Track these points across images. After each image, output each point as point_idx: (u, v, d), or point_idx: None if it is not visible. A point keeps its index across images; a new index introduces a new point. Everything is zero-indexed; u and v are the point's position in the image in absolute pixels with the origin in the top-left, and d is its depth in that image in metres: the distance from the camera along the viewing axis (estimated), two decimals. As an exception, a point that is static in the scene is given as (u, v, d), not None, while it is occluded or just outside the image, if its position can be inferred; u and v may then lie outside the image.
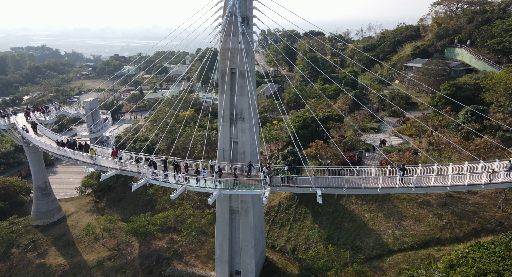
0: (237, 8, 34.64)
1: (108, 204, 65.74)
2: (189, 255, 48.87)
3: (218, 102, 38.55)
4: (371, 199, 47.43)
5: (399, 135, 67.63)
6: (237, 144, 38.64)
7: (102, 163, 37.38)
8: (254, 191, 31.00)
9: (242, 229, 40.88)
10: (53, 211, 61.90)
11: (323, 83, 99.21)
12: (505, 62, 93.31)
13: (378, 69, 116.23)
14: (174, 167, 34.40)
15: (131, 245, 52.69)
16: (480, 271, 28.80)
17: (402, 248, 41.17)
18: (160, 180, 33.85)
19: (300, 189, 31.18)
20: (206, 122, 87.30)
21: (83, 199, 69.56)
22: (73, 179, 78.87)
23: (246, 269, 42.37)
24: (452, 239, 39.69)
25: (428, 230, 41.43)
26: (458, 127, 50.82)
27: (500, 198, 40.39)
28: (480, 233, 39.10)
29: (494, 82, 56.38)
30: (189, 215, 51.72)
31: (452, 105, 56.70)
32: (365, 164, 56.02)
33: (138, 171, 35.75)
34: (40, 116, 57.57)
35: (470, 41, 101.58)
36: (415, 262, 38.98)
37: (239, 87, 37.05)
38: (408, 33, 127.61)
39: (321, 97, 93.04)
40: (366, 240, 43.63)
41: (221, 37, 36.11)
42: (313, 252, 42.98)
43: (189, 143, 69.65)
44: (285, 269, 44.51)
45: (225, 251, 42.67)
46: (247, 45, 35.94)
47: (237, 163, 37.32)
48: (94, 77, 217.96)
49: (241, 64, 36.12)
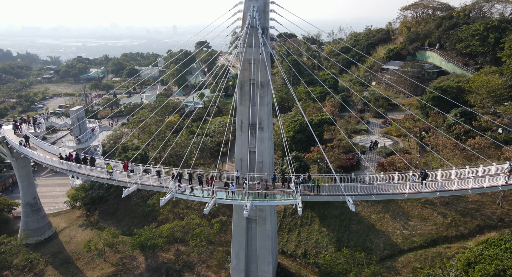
0: (257, 20, 34.88)
1: (102, 217, 63.24)
2: (199, 265, 48.34)
3: (237, 113, 38.52)
4: (376, 200, 49.36)
5: (388, 136, 70.69)
6: (255, 153, 38.81)
7: (121, 178, 36.13)
8: (287, 201, 31.48)
9: (260, 237, 41.11)
10: (43, 228, 58.72)
11: (307, 86, 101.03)
12: (472, 64, 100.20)
13: (355, 71, 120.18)
14: (199, 180, 34.04)
15: (136, 259, 51.20)
16: (499, 268, 31.13)
17: (412, 247, 43.34)
18: (187, 193, 33.36)
19: (330, 197, 32.04)
20: (195, 128, 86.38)
21: (72, 212, 66.41)
22: (57, 192, 74.97)
23: (263, 276, 42.66)
24: (458, 236, 42.38)
25: (435, 228, 43.89)
26: (450, 129, 54.02)
27: (499, 195, 43.66)
28: (483, 230, 42.06)
29: (477, 85, 60.54)
30: (196, 225, 51.11)
31: (439, 107, 60.15)
32: (363, 166, 58.09)
33: (160, 185, 34.99)
34: (29, 128, 54.36)
35: (439, 45, 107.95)
36: (427, 260, 41.20)
37: (259, 98, 37.29)
38: (380, 36, 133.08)
39: (306, 100, 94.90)
40: (376, 241, 45.41)
41: (241, 48, 36.12)
42: (329, 256, 44.10)
43: (183, 150, 68.81)
44: (299, 274, 45.30)
45: (241, 260, 42.70)
46: (266, 56, 36.28)
47: (255, 172, 37.64)
48: (57, 81, 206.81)
49: (261, 74, 36.43)
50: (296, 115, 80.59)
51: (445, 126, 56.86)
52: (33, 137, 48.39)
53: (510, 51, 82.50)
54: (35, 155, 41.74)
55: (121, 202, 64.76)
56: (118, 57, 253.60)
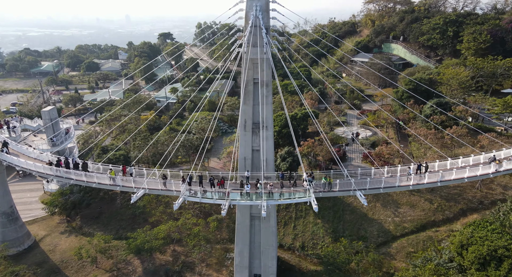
0: (261, 19, 34.88)
1: (85, 221, 60.64)
2: (199, 265, 48.23)
3: (240, 112, 38.42)
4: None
5: (366, 127, 73.82)
6: (258, 151, 39.18)
7: (126, 184, 34.97)
8: (301, 199, 32.29)
9: (264, 233, 41.82)
10: (22, 238, 55.33)
11: (282, 79, 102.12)
12: (433, 56, 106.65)
13: (325, 63, 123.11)
14: (210, 182, 33.90)
15: (131, 263, 49.99)
16: (491, 248, 34.27)
17: (404, 233, 46.25)
18: (199, 196, 33.09)
19: (341, 192, 33.33)
20: (175, 125, 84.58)
21: (50, 219, 62.95)
22: (28, 198, 70.45)
23: (267, 271, 43.52)
24: (445, 220, 45.86)
25: (423, 214, 47.08)
26: (428, 119, 57.52)
27: (478, 180, 47.64)
28: (466, 212, 45.83)
29: (447, 77, 64.82)
30: (192, 225, 50.74)
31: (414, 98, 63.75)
32: (350, 157, 60.46)
33: (169, 189, 34.37)
34: (1, 132, 50.48)
35: (403, 37, 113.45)
36: (419, 244, 44.26)
37: (263, 97, 37.47)
38: (346, 29, 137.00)
39: (283, 93, 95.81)
40: (370, 229, 47.87)
41: (244, 48, 35.95)
42: (328, 247, 45.85)
43: (166, 149, 67.28)
44: (299, 266, 46.74)
45: (245, 257, 43.25)
46: (268, 55, 36.47)
47: (260, 170, 38.11)
48: (4, 76, 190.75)
49: (264, 74, 36.62)
50: (276, 109, 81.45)
51: (423, 117, 60.45)
52: (12, 143, 45.09)
53: (468, 44, 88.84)
54: (22, 163, 39.01)
55: (104, 205, 62.49)
56: (72, 50, 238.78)
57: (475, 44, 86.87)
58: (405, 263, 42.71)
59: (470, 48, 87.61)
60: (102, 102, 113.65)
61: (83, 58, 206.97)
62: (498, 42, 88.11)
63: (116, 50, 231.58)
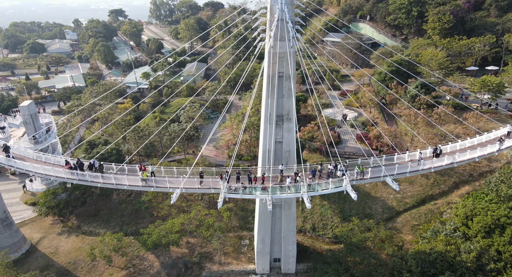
0: (287, 13, 34.87)
1: (82, 220, 58.33)
2: (216, 254, 49.17)
3: (264, 106, 38.67)
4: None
5: (350, 107, 77.17)
6: (281, 143, 40.12)
7: (160, 185, 34.36)
8: (337, 188, 34.07)
9: (285, 220, 43.53)
10: (19, 243, 52.28)
11: (259, 61, 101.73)
12: (399, 35, 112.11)
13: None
14: (248, 177, 34.49)
15: (146, 258, 49.60)
16: (494, 218, 39.03)
17: (406, 208, 50.51)
18: (240, 193, 33.61)
19: (372, 179, 35.64)
20: (159, 113, 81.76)
21: (41, 221, 59.63)
22: (7, 200, 65.33)
23: (288, 255, 45.65)
24: (441, 193, 50.71)
25: (421, 189, 51.55)
26: (414, 99, 61.65)
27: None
28: (459, 185, 50.97)
29: (427, 59, 69.25)
30: (205, 216, 51.10)
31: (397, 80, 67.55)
32: (344, 139, 63.45)
33: (203, 187, 34.47)
34: (-10, 134, 46.17)
35: (370, 17, 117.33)
36: (421, 217, 48.77)
37: (287, 90, 38.03)
38: (313, 7, 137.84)
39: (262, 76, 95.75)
40: (375, 207, 51.59)
41: (270, 42, 35.81)
42: (344, 227, 48.85)
43: (160, 140, 65.79)
44: (313, 246, 49.49)
45: (267, 244, 44.87)
46: (294, 49, 36.79)
47: (283, 161, 39.36)
48: None
49: (290, 67, 37.03)
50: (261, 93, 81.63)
51: (408, 98, 64.60)
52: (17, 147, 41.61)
53: (434, 24, 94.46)
54: (38, 168, 36.33)
55: (99, 202, 60.34)
56: (7, 28, 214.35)
57: (440, 24, 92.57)
58: (411, 236, 47.13)
59: (435, 28, 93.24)
60: (66, 90, 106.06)
61: (23, 38, 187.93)
62: (459, 22, 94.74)
63: (61, 29, 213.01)
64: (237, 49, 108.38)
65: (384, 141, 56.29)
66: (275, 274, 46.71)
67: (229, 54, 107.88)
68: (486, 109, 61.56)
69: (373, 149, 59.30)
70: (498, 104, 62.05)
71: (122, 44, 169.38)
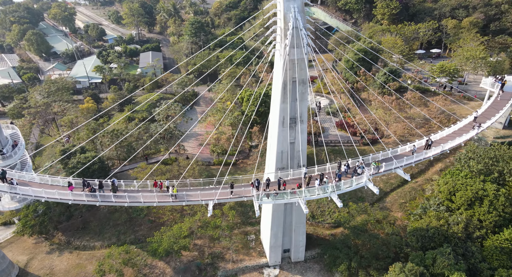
0: (300, 21, 35.81)
1: (70, 235, 55.15)
2: (227, 253, 50.44)
3: (279, 110, 39.58)
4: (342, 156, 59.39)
5: (319, 94, 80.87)
6: (293, 144, 41.87)
7: (192, 198, 34.32)
8: (358, 185, 37.09)
9: (296, 214, 46.01)
10: (8, 269, 48.32)
11: (221, 50, 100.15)
12: (349, 19, 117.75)
13: (251, 29, 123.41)
14: (278, 182, 35.95)
15: (155, 266, 49.17)
16: (473, 191, 45.62)
17: (392, 188, 56.09)
18: (273, 198, 35.02)
19: (385, 172, 39.28)
20: (128, 111, 77.39)
21: (20, 241, 55.23)
22: (-29, 221, 59.30)
23: (298, 245, 48.57)
24: (419, 172, 57.02)
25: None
26: (387, 85, 66.76)
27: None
28: (433, 163, 57.61)
29: (389, 46, 74.76)
30: (210, 217, 51.55)
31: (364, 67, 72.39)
32: (324, 127, 67.08)
33: (236, 196, 35.25)
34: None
35: (321, 1, 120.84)
36: (406, 195, 54.72)
37: (300, 94, 39.40)
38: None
39: (226, 65, 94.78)
40: (365, 190, 56.30)
41: (285, 49, 36.44)
42: (342, 213, 52.83)
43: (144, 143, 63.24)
44: (316, 233, 53.08)
45: (279, 238, 47.22)
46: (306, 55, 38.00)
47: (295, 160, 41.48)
48: None
49: (303, 73, 38.32)
50: (236, 86, 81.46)
51: (377, 84, 69.79)
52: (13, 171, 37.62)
53: (383, 10, 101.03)
54: (52, 193, 33.71)
55: (85, 214, 57.33)
56: None
57: (388, 10, 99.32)
58: (401, 213, 52.93)
59: (385, 14, 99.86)
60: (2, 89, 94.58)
61: None
62: (404, 8, 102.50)
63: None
64: (195, 37, 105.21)
65: (366, 127, 60.94)
66: (286, 264, 49.58)
67: (187, 43, 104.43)
68: (443, 91, 69.20)
69: (355, 135, 64.08)
70: (452, 87, 70.09)
71: (54, 31, 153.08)
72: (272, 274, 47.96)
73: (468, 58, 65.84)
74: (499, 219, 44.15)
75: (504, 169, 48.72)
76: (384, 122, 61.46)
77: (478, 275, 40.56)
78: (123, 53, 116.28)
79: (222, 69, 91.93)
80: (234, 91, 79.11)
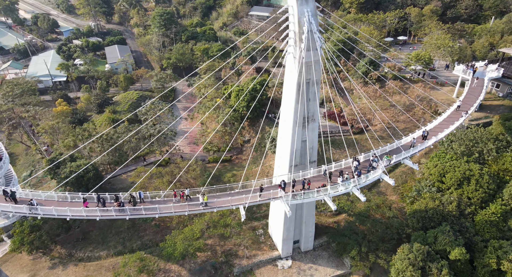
0: (314, 24, 36.71)
1: (70, 247, 53.01)
2: (239, 249, 51.54)
3: (293, 111, 40.52)
4: (340, 144, 62.31)
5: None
6: (305, 142, 43.36)
7: (223, 205, 34.78)
8: (374, 177, 39.67)
9: (307, 207, 48.03)
10: (12, 291, 45.67)
11: (195, 43, 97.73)
12: (316, 7, 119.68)
13: (219, 18, 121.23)
14: (303, 183, 37.40)
15: (170, 270, 49.06)
16: (461, 172, 50.46)
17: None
18: (302, 198, 36.51)
19: (395, 162, 42.20)
20: (109, 113, 73.94)
21: (15, 258, 52.15)
22: (-48, 243, 54.75)
23: (308, 236, 50.84)
24: (407, 156, 61.39)
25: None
26: (369, 75, 70.07)
27: (421, 120, 64.10)
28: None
29: (366, 37, 77.87)
30: (219, 216, 52.15)
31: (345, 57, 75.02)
32: (313, 119, 69.13)
33: (264, 198, 36.24)
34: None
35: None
36: (398, 179, 58.83)
37: (312, 94, 40.66)
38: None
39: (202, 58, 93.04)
40: (359, 177, 59.72)
41: (300, 53, 37.15)
42: (341, 200, 55.73)
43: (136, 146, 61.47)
44: (320, 222, 55.61)
45: (291, 231, 49.09)
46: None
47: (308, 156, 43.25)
48: None
49: (317, 74, 39.53)
50: (216, 79, 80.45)
51: (359, 74, 72.94)
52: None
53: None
54: (78, 211, 32.41)
55: (82, 224, 55.20)
56: None
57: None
58: (395, 196, 57.09)
59: (353, 3, 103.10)
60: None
61: None
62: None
63: None
64: (165, 29, 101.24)
65: (354, 117, 63.96)
66: (296, 254, 51.83)
67: (157, 35, 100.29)
68: (418, 78, 74.10)
69: (345, 125, 67.00)
70: (425, 74, 75.23)
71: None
72: (286, 266, 49.99)
73: (440, 47, 70.85)
74: (485, 195, 49.40)
75: (483, 150, 54.23)
76: (371, 111, 64.84)
77: (473, 248, 45.52)
78: (86, 48, 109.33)
79: (198, 63, 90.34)
80: (218, 86, 78.41)
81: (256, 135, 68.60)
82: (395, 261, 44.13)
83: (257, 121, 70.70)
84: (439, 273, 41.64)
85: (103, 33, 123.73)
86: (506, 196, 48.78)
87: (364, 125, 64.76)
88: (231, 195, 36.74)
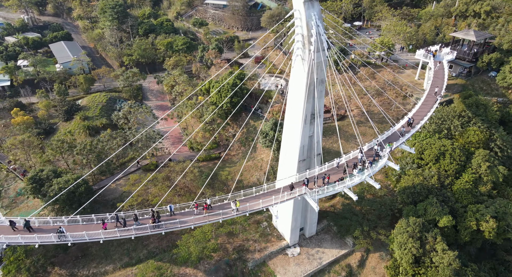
0: (321, 27, 38.29)
1: (71, 266, 50.38)
2: (249, 244, 53.07)
3: (302, 110, 42.04)
4: (331, 131, 65.86)
5: (272, 75, 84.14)
6: (311, 137, 45.53)
7: (255, 207, 35.95)
8: (381, 165, 43.26)
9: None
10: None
11: (155, 36, 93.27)
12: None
13: (171, 7, 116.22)
14: (323, 179, 39.68)
15: (185, 274, 48.99)
16: (437, 148, 56.69)
17: (367, 155, 64.71)
18: (324, 192, 38.84)
19: (394, 148, 46.10)
20: (81, 119, 68.81)
21: (12, 287, 48.40)
22: None
23: (312, 223, 53.90)
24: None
25: (372, 138, 66.21)
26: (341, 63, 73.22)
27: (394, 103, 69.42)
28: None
29: (332, 26, 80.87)
30: (226, 215, 52.81)
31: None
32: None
33: (291, 197, 37.97)
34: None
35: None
36: (380, 159, 63.97)
37: (319, 92, 42.56)
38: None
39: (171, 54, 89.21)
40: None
41: (309, 55, 38.59)
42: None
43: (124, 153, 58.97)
44: (321, 208, 58.98)
45: (298, 220, 51.72)
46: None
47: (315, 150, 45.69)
48: None
49: (323, 73, 41.40)
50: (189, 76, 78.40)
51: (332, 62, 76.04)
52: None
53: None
54: (97, 234, 31.38)
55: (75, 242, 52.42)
56: None
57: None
58: (380, 175, 62.26)
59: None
60: None
61: None
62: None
63: None
64: (118, 22, 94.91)
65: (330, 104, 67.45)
66: (302, 241, 54.77)
67: (110, 30, 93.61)
68: (382, 62, 79.62)
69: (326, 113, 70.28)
70: (387, 59, 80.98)
71: None
72: (295, 253, 52.77)
73: (399, 33, 76.61)
74: (458, 167, 56.29)
75: (450, 126, 61.20)
76: (349, 98, 68.82)
77: (455, 214, 52.12)
78: (25, 46, 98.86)
79: (162, 58, 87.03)
80: (190, 82, 76.67)
81: (240, 130, 69.29)
82: (395, 235, 49.10)
83: (240, 116, 71.20)
84: (434, 241, 47.37)
85: (40, 27, 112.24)
86: (474, 165, 56.08)
87: (342, 112, 68.71)
88: (258, 197, 37.86)
